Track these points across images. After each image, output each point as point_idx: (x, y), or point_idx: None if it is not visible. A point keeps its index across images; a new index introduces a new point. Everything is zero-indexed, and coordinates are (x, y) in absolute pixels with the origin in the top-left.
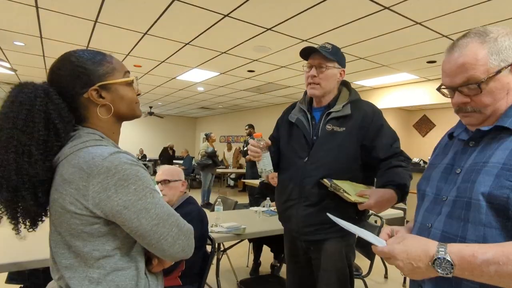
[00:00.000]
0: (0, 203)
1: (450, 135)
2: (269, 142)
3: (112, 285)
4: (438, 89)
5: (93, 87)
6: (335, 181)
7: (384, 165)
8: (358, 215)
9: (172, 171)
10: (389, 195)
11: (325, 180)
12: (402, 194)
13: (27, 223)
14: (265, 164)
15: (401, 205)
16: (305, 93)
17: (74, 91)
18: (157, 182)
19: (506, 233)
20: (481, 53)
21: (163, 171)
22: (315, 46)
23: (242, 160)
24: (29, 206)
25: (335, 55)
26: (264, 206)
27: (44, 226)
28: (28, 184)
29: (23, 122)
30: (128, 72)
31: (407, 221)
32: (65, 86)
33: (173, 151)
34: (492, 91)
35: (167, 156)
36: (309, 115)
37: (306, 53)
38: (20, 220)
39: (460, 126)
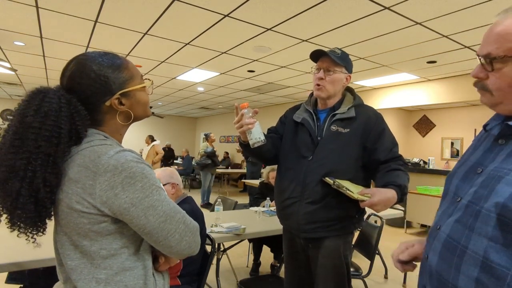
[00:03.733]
0: (19, 216)
1: (485, 127)
2: (257, 110)
3: (121, 285)
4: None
5: (116, 95)
6: (337, 180)
7: (384, 167)
8: (358, 213)
9: (159, 175)
10: (391, 194)
11: (327, 178)
12: (402, 194)
13: (41, 229)
14: (259, 132)
15: (398, 206)
16: (311, 94)
17: (95, 99)
18: None
19: None
20: None
21: None
22: (325, 49)
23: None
24: (47, 214)
25: (344, 61)
26: (264, 206)
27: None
28: (51, 194)
29: (50, 133)
30: (142, 74)
31: (407, 221)
32: (88, 95)
33: (172, 150)
34: (506, 75)
35: (167, 156)
36: (314, 116)
37: (316, 55)
38: (30, 228)
39: (496, 118)
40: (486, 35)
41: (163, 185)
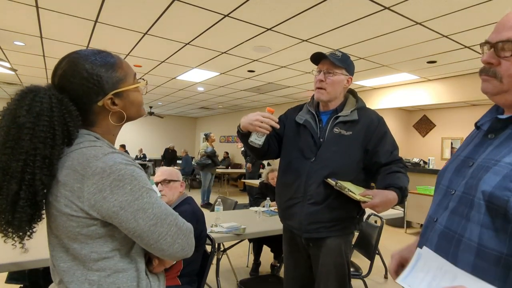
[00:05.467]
0: (13, 219)
1: (476, 125)
2: (278, 125)
3: (113, 287)
4: (481, 44)
5: (108, 95)
6: (339, 181)
7: (385, 170)
8: (358, 214)
9: (171, 171)
10: (392, 196)
11: (329, 179)
12: (402, 196)
13: (31, 233)
14: (262, 139)
15: (398, 206)
16: (313, 96)
17: (87, 99)
18: (157, 183)
19: (504, 235)
20: None
21: (162, 172)
22: (326, 50)
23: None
24: (39, 217)
25: (344, 63)
26: (264, 206)
27: (44, 225)
28: (45, 196)
29: (44, 134)
30: (135, 74)
31: (407, 221)
32: (80, 95)
33: (174, 152)
34: None
35: (169, 157)
36: (316, 118)
37: (316, 58)
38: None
39: (487, 115)
40: (504, 22)
41: (176, 181)
